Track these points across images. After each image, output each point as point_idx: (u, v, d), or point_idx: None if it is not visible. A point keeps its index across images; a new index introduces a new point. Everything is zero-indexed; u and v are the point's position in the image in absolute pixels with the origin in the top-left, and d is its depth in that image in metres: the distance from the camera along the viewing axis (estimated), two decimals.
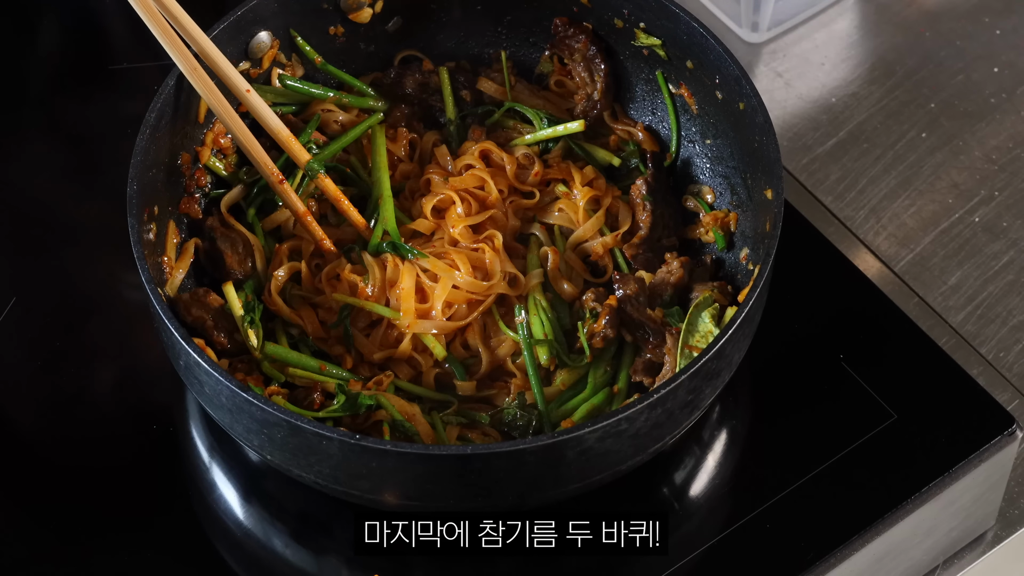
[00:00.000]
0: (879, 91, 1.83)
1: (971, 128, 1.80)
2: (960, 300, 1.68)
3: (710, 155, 1.61)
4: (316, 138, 1.61)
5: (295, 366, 1.50)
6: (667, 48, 1.59)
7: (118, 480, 1.53)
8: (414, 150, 1.65)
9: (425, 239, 1.59)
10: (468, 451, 1.33)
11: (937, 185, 1.76)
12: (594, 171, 1.63)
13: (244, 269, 1.55)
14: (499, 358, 1.54)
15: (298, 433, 1.35)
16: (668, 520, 1.49)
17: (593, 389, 1.51)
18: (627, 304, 1.52)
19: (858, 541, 1.48)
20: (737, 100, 1.52)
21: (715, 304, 1.52)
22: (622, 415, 1.34)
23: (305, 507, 1.51)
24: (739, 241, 1.57)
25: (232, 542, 1.51)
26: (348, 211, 1.59)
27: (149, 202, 1.48)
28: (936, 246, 1.71)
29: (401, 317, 1.52)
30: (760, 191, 1.51)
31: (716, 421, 1.56)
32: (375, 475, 1.36)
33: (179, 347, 1.39)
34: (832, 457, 1.52)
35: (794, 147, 1.79)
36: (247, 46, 1.58)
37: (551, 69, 1.67)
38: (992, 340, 1.65)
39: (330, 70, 1.64)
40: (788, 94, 1.84)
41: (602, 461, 1.38)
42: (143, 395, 1.58)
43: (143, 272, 1.41)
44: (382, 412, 1.47)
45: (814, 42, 1.88)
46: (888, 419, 1.54)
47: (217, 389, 1.37)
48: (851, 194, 1.75)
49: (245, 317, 1.50)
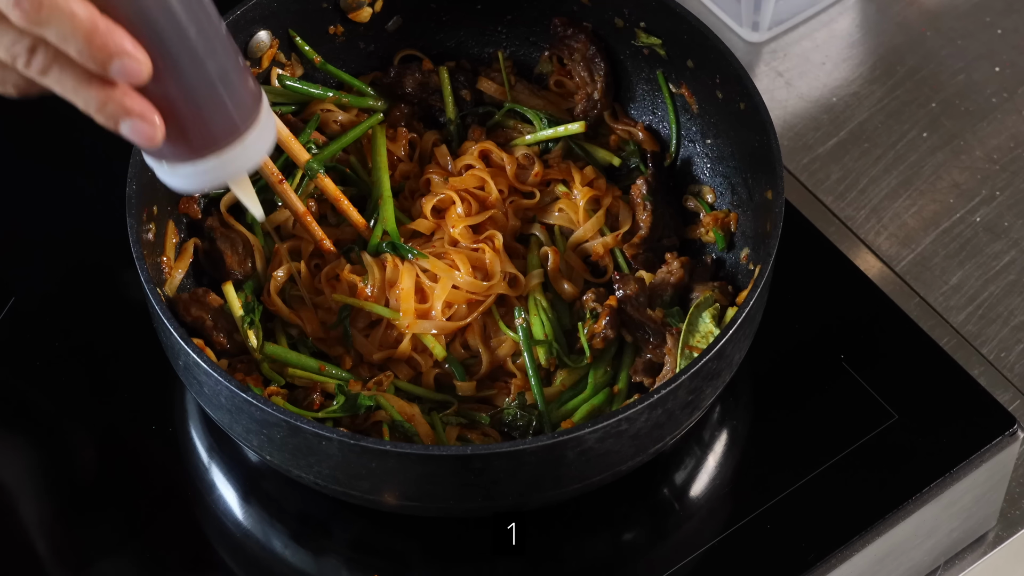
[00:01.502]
0: (880, 90, 1.83)
1: (972, 128, 1.80)
2: (961, 300, 1.67)
3: (710, 155, 1.61)
4: (315, 138, 1.60)
5: (294, 366, 1.50)
6: (667, 47, 1.59)
7: (116, 481, 1.53)
8: (414, 150, 1.65)
9: (425, 239, 1.59)
10: (468, 451, 1.32)
11: (938, 185, 1.76)
12: (594, 171, 1.63)
13: (244, 269, 1.55)
14: (499, 358, 1.53)
15: (297, 433, 1.34)
16: (668, 521, 1.49)
17: (593, 389, 1.51)
18: (627, 304, 1.52)
19: (859, 542, 1.47)
20: (738, 100, 1.52)
21: (716, 304, 1.51)
22: (622, 415, 1.34)
23: (304, 508, 1.50)
24: (740, 241, 1.57)
25: (231, 543, 1.50)
26: (348, 211, 1.58)
27: (148, 202, 1.48)
28: (937, 246, 1.71)
29: (401, 317, 1.52)
30: (761, 191, 1.51)
31: (716, 421, 1.56)
32: (375, 476, 1.36)
33: (178, 347, 1.38)
34: (833, 457, 1.51)
35: (795, 147, 1.79)
36: (246, 45, 1.58)
37: (551, 69, 1.67)
38: (993, 340, 1.65)
39: (329, 70, 1.64)
40: (789, 93, 1.84)
41: (602, 462, 1.38)
42: (142, 395, 1.57)
43: (142, 272, 1.40)
44: (382, 412, 1.46)
45: (815, 41, 1.88)
46: (889, 419, 1.54)
47: (216, 389, 1.37)
48: (852, 194, 1.75)
49: (245, 317, 1.50)
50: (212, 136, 1.21)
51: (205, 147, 1.21)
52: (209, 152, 1.21)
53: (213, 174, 1.22)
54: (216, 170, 1.22)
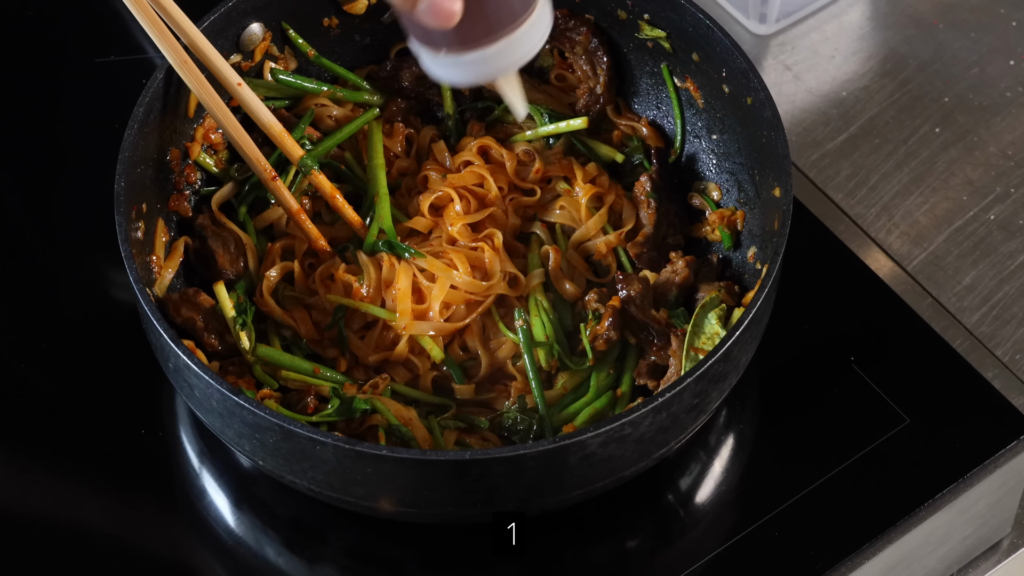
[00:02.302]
0: (891, 85, 1.83)
1: (986, 123, 1.79)
2: (975, 300, 1.67)
3: (716, 151, 1.60)
4: (309, 134, 1.61)
5: (288, 369, 1.50)
6: (672, 40, 1.59)
7: (105, 487, 1.52)
8: (411, 146, 1.65)
9: (422, 238, 1.59)
10: (467, 456, 1.33)
11: (951, 182, 1.75)
12: (597, 168, 1.63)
13: (236, 269, 1.55)
14: (499, 360, 1.53)
15: (291, 438, 1.34)
16: (673, 528, 1.49)
17: (596, 392, 1.51)
18: (631, 305, 1.51)
19: (869, 550, 1.48)
20: (745, 94, 1.52)
21: (722, 305, 1.51)
22: (626, 419, 1.34)
23: (298, 514, 1.50)
24: (746, 240, 1.56)
25: (223, 550, 1.50)
26: (343, 209, 1.58)
27: (137, 199, 1.48)
28: (950, 245, 1.71)
29: (397, 318, 1.52)
30: (768, 188, 1.50)
31: (723, 425, 1.56)
32: (370, 481, 1.36)
33: (168, 349, 1.38)
34: (842, 463, 1.52)
35: (803, 142, 1.78)
36: (238, 38, 1.58)
37: (551, 63, 1.67)
38: (1008, 342, 1.64)
39: (324, 63, 1.64)
40: (797, 88, 1.83)
41: (605, 467, 1.38)
42: (131, 399, 1.57)
43: (131, 272, 1.40)
44: (377, 416, 1.46)
45: (824, 34, 1.87)
46: (900, 423, 1.54)
47: (207, 392, 1.37)
48: (862, 191, 1.75)
49: (237, 318, 1.50)
50: (499, 20, 1.25)
51: (491, 31, 1.25)
52: (493, 38, 1.25)
53: (497, 61, 1.26)
54: (500, 56, 1.26)
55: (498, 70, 1.28)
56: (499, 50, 1.25)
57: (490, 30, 1.24)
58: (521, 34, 1.26)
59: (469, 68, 1.27)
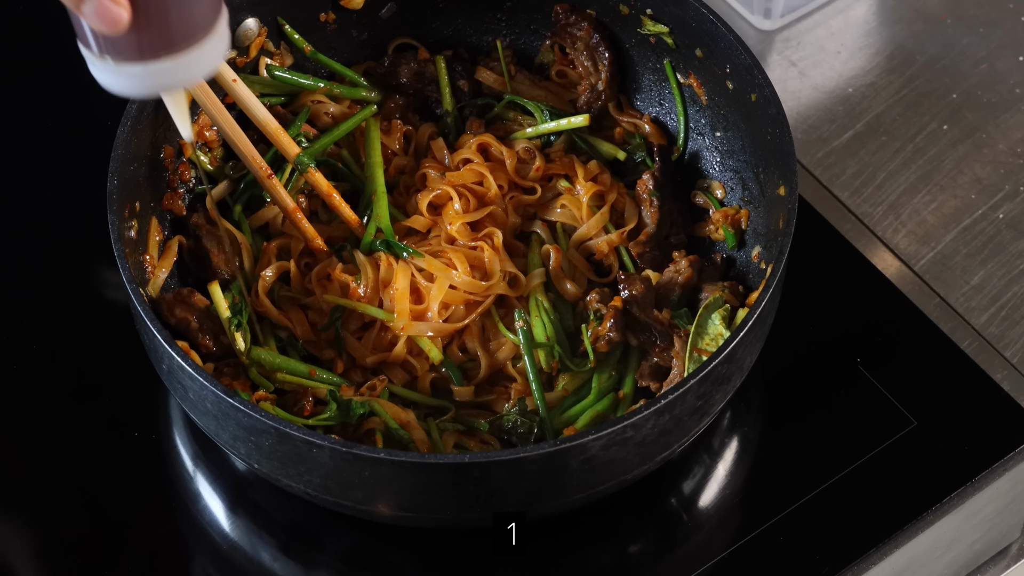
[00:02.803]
0: (898, 81, 1.82)
1: (995, 120, 1.79)
2: (983, 301, 1.66)
3: (720, 148, 1.60)
4: (306, 131, 1.61)
5: (284, 371, 1.50)
6: (675, 36, 1.58)
7: (98, 490, 1.52)
8: (409, 143, 1.65)
9: (421, 237, 1.59)
10: (466, 460, 1.32)
11: (959, 180, 1.75)
12: (598, 165, 1.62)
13: (231, 268, 1.55)
14: (499, 362, 1.53)
15: (287, 441, 1.34)
16: (676, 532, 1.48)
17: (597, 394, 1.50)
18: (633, 305, 1.50)
19: (876, 554, 1.47)
20: (749, 91, 1.51)
21: (726, 305, 1.50)
22: (628, 422, 1.33)
23: (294, 518, 1.50)
24: (751, 239, 1.56)
25: (218, 555, 1.50)
26: (340, 207, 1.58)
27: (130, 198, 1.47)
28: (958, 244, 1.70)
29: (395, 319, 1.51)
30: (773, 186, 1.50)
31: (727, 428, 1.55)
32: (368, 485, 1.36)
33: (162, 350, 1.38)
34: (849, 466, 1.51)
35: (809, 140, 1.78)
36: (234, 33, 1.58)
37: (552, 59, 1.67)
38: (1017, 343, 1.63)
39: (320, 59, 1.64)
40: (803, 84, 1.83)
41: (607, 470, 1.37)
42: (124, 401, 1.57)
43: (124, 271, 1.40)
44: (375, 419, 1.46)
45: (830, 29, 1.87)
46: (908, 426, 1.53)
47: (202, 394, 1.36)
48: (868, 189, 1.74)
49: (232, 319, 1.50)
50: (172, 35, 1.21)
51: (162, 46, 1.20)
52: (164, 53, 1.21)
53: (160, 78, 1.22)
54: (164, 74, 1.22)
55: (162, 85, 1.24)
56: (166, 68, 1.21)
57: (160, 45, 1.20)
58: (190, 57, 1.21)
59: (133, 79, 1.22)
